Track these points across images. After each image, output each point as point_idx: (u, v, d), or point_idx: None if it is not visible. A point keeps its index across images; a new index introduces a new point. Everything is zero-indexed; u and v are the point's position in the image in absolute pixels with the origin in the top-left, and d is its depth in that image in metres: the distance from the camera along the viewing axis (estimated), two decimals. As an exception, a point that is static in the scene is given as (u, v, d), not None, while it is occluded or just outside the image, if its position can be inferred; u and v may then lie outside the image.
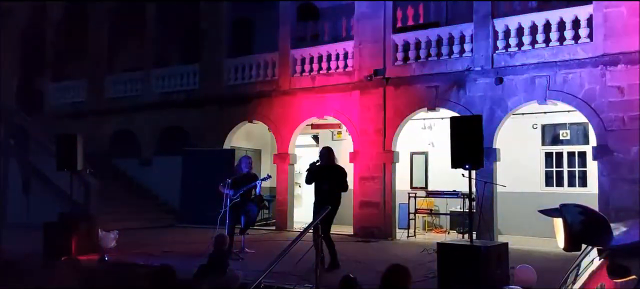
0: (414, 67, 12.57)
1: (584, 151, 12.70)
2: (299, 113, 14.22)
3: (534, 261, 7.65)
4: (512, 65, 11.33)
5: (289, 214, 14.18)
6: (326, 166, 8.43)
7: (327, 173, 8.35)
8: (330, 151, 8.64)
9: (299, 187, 16.16)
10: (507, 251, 7.07)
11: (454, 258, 6.70)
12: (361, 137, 13.07)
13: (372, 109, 12.96)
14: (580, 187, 12.81)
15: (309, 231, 6.47)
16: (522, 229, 12.12)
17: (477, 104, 11.58)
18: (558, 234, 2.22)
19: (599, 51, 10.40)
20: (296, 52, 14.45)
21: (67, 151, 9.98)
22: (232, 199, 9.26)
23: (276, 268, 6.13)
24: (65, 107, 18.87)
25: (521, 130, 13.06)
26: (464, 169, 7.24)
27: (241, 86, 15.40)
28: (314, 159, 8.58)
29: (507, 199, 11.90)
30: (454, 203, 13.06)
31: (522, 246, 10.13)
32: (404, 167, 13.97)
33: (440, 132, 13.24)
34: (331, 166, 8.52)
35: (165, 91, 16.86)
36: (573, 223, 2.07)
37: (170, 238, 12.08)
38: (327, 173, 8.35)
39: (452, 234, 12.81)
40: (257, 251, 9.74)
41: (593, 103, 10.44)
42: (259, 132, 15.90)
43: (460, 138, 7.18)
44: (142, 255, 9.20)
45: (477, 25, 11.79)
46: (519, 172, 12.46)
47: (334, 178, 8.35)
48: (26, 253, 9.60)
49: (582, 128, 12.69)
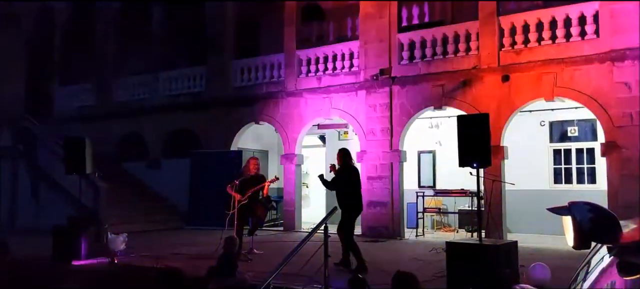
0: (420, 66, 12.56)
1: (592, 148, 12.64)
2: (306, 114, 14.24)
3: (543, 259, 7.60)
4: (519, 63, 11.29)
5: (296, 214, 14.20)
6: (345, 168, 8.44)
7: (347, 176, 8.37)
8: (346, 153, 8.65)
9: (306, 188, 16.19)
10: (516, 249, 7.05)
11: (463, 257, 6.68)
12: (368, 136, 13.07)
13: (378, 108, 12.96)
14: (589, 184, 12.75)
15: (318, 231, 6.47)
16: (531, 227, 12.06)
17: (484, 102, 11.55)
18: (567, 232, 2.21)
19: (606, 47, 10.35)
20: (302, 53, 14.47)
21: (76, 155, 10.03)
22: (241, 201, 9.28)
23: (285, 269, 6.15)
24: (74, 111, 18.97)
25: (529, 127, 13.01)
26: (471, 167, 7.23)
27: (248, 87, 15.44)
28: (332, 164, 8.64)
29: (516, 197, 11.85)
30: (462, 202, 13.03)
31: (531, 244, 10.09)
32: (411, 166, 13.95)
33: (447, 131, 13.21)
34: (349, 167, 8.54)
35: (172, 94, 16.93)
36: (582, 220, 2.07)
37: (179, 240, 12.13)
38: (347, 176, 8.37)
39: (460, 233, 12.79)
40: (266, 252, 9.75)
41: (601, 99, 10.38)
42: (266, 133, 15.93)
43: (467, 137, 7.16)
44: (151, 258, 9.23)
45: (483, 23, 11.76)
46: (527, 170, 12.41)
47: (354, 180, 8.39)
48: (36, 257, 9.67)
49: (590, 124, 12.62)
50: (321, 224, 6.55)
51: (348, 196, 8.34)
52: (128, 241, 10.20)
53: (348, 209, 8.32)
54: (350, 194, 8.37)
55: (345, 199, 8.33)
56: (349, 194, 8.36)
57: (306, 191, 16.39)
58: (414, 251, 10.08)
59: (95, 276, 8.71)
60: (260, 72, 15.26)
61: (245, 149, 15.27)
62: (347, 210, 8.31)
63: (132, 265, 8.96)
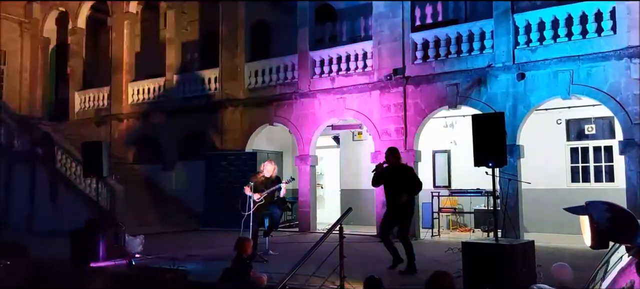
0: (434, 65, 12.51)
1: (610, 146, 12.49)
2: (319, 114, 14.25)
3: (561, 258, 7.54)
4: (534, 61, 11.19)
5: (311, 215, 14.20)
6: (394, 167, 8.28)
7: (395, 175, 8.19)
8: (394, 152, 8.43)
9: (321, 189, 16.19)
10: (533, 249, 6.98)
11: (480, 257, 6.63)
12: (382, 137, 13.04)
13: (392, 108, 12.93)
14: (607, 182, 12.60)
15: (334, 232, 6.47)
16: (548, 227, 11.95)
17: (499, 100, 11.47)
18: (585, 232, 2.20)
19: (623, 44, 10.22)
20: (315, 53, 14.49)
21: (93, 158, 10.16)
22: (256, 202, 9.32)
23: (300, 270, 6.16)
24: (90, 115, 19.19)
25: (545, 126, 12.89)
26: (487, 167, 7.18)
27: (261, 88, 15.49)
28: (380, 162, 8.49)
29: (533, 197, 11.75)
30: (478, 201, 12.94)
31: (548, 244, 10.00)
32: (426, 166, 13.88)
33: (462, 130, 13.14)
34: (399, 166, 8.37)
35: (186, 96, 17.04)
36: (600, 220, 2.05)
37: (195, 241, 12.21)
38: (395, 175, 8.19)
39: (476, 233, 12.70)
40: (281, 253, 9.78)
41: (618, 96, 10.25)
42: (280, 135, 15.97)
43: (482, 136, 7.11)
44: (168, 259, 9.30)
45: (498, 21, 11.68)
46: (543, 169, 12.30)
47: (402, 179, 8.17)
48: (54, 259, 9.79)
49: (608, 122, 12.47)
50: (336, 225, 6.55)
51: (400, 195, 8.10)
52: (145, 243, 10.32)
53: (411, 208, 8.25)
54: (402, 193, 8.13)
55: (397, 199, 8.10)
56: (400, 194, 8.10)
57: (321, 192, 16.39)
58: (430, 251, 10.02)
59: (113, 277, 8.80)
60: (273, 73, 15.30)
61: (259, 151, 15.33)
62: (411, 209, 8.26)
63: (149, 267, 9.03)
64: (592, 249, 2.18)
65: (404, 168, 8.46)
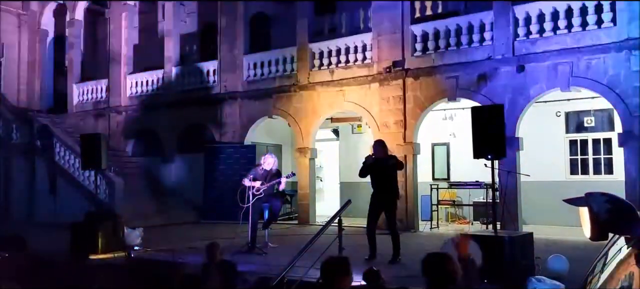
0: (434, 57, 12.47)
1: (609, 138, 12.48)
2: (319, 107, 14.22)
3: (560, 250, 7.54)
4: (534, 53, 11.16)
5: (311, 208, 14.21)
6: (382, 159, 8.32)
7: (382, 167, 8.25)
8: (382, 144, 8.54)
9: (320, 181, 16.19)
10: (532, 241, 6.99)
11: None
12: (381, 129, 13.01)
13: (391, 101, 12.90)
14: (606, 175, 12.61)
15: (333, 224, 6.47)
16: (547, 219, 11.96)
17: (499, 93, 11.45)
18: (584, 224, 2.19)
19: (623, 35, 10.19)
20: (314, 46, 14.44)
21: (92, 151, 10.15)
22: (256, 194, 9.31)
23: (299, 262, 6.17)
24: (89, 107, 19.16)
25: (544, 118, 12.88)
26: (486, 159, 7.17)
27: (260, 81, 15.44)
28: (370, 154, 8.51)
29: (531, 189, 11.76)
30: (477, 194, 12.94)
31: (547, 236, 10.00)
32: (425, 158, 13.89)
33: (461, 123, 13.13)
34: (387, 158, 8.43)
35: (185, 89, 16.99)
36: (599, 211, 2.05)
37: (195, 234, 12.21)
38: (382, 167, 8.25)
39: (475, 225, 12.72)
40: (280, 246, 9.80)
41: (618, 89, 10.23)
42: (279, 128, 15.95)
43: (482, 128, 7.11)
44: (167, 252, 9.31)
45: (497, 13, 11.64)
46: (543, 161, 12.30)
47: (386, 170, 8.26)
48: (53, 251, 9.80)
49: (607, 114, 12.46)
50: (335, 217, 6.55)
51: (385, 185, 8.27)
52: (144, 236, 10.33)
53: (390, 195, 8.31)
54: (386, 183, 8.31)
55: (383, 188, 8.25)
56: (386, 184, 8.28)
57: (320, 185, 16.39)
58: (429, 244, 10.01)
59: (112, 270, 8.80)
60: (273, 66, 15.26)
61: (258, 144, 15.32)
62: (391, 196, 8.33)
63: (148, 259, 9.03)
64: (592, 241, 2.17)
65: (390, 159, 8.48)
